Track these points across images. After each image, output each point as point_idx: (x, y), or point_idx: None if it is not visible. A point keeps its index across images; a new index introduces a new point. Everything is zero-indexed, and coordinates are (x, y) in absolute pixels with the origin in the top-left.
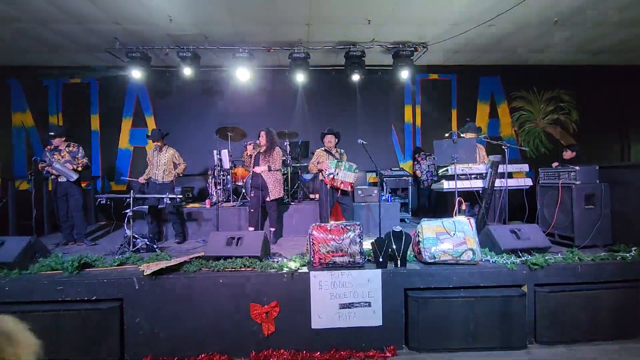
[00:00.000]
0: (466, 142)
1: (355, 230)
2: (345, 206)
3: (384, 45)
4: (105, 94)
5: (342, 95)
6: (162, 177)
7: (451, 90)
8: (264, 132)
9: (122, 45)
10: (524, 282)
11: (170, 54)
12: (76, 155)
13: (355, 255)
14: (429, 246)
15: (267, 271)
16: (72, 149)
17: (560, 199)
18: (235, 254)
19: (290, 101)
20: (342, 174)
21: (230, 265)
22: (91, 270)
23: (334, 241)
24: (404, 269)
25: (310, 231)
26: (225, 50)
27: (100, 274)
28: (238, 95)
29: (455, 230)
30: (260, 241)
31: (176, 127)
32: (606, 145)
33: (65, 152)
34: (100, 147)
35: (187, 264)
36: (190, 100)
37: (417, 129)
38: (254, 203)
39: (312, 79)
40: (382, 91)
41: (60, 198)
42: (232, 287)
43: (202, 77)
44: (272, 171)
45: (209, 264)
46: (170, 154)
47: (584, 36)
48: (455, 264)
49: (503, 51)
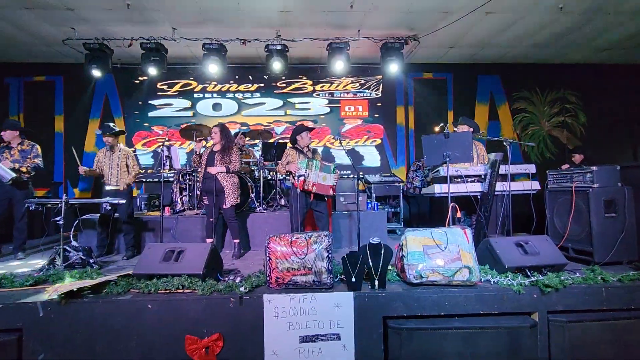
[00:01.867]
0: (461, 136)
1: (323, 241)
2: (319, 214)
3: (370, 37)
4: (71, 93)
5: None
6: (116, 182)
7: (447, 90)
8: (217, 128)
9: (80, 36)
10: (534, 308)
11: (134, 47)
12: (28, 154)
13: (321, 274)
14: (414, 262)
15: (211, 294)
16: (25, 148)
17: (574, 206)
18: (172, 272)
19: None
20: (314, 174)
21: (164, 285)
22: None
23: (295, 256)
24: (383, 291)
25: (266, 243)
26: (195, 43)
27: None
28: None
29: (447, 243)
30: (204, 256)
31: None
32: (616, 149)
33: (16, 151)
34: (64, 151)
35: (111, 284)
36: (161, 99)
37: (411, 131)
38: (210, 210)
39: (293, 75)
40: (373, 90)
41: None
42: (164, 314)
43: (174, 75)
44: (230, 173)
45: (139, 284)
46: (125, 155)
47: (591, 27)
48: (447, 286)
49: (502, 46)
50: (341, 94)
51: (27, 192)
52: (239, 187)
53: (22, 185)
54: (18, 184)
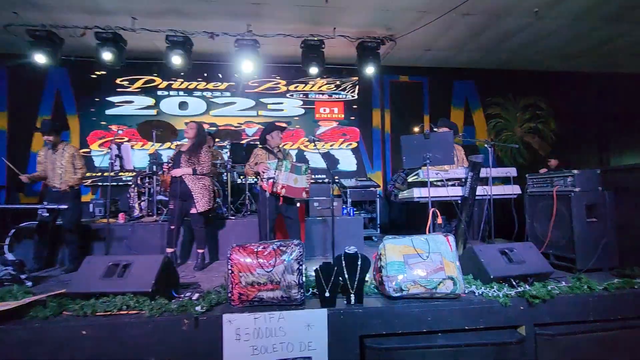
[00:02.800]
0: (441, 137)
1: (293, 251)
2: (290, 220)
3: (346, 36)
4: (17, 87)
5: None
6: (59, 184)
7: (423, 94)
8: (193, 124)
9: (26, 22)
10: (521, 321)
11: (89, 38)
12: None
13: (291, 289)
14: (394, 274)
15: (161, 315)
16: None
17: (556, 211)
18: (115, 290)
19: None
20: (284, 176)
21: (104, 306)
22: None
23: (261, 268)
24: (359, 307)
25: (228, 254)
26: (157, 35)
27: None
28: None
29: (429, 252)
30: (155, 269)
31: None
32: (585, 155)
33: None
34: (7, 151)
35: (38, 306)
36: (121, 96)
37: (387, 135)
38: (174, 217)
39: (266, 74)
40: (349, 91)
41: None
42: (102, 341)
43: (135, 70)
44: (198, 175)
45: (73, 305)
46: (70, 154)
47: (565, 32)
48: (429, 299)
49: (477, 51)
50: (316, 95)
51: None
52: (211, 191)
53: None
54: None
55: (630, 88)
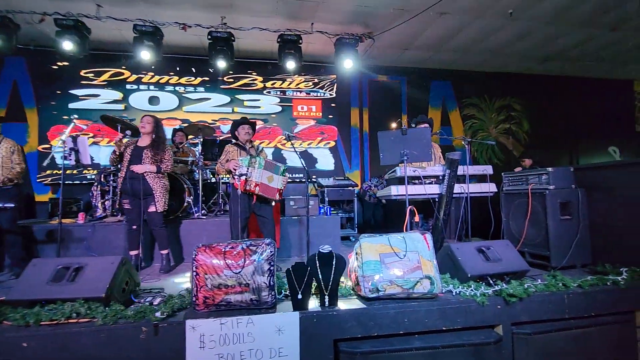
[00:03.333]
0: (419, 133)
1: (264, 251)
2: (263, 219)
3: (324, 32)
4: None
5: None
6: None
7: (401, 94)
8: (150, 119)
9: None
10: (498, 320)
11: (48, 25)
12: None
13: (261, 291)
14: (370, 274)
15: (115, 323)
16: None
17: (531, 209)
18: (64, 296)
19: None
20: (257, 173)
21: (50, 315)
22: None
23: (229, 269)
24: (333, 309)
25: (193, 254)
26: (125, 25)
27: None
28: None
29: (406, 250)
30: (111, 272)
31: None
32: (555, 157)
33: None
34: None
35: None
36: (86, 89)
37: (365, 134)
38: (133, 217)
39: (242, 69)
40: (327, 89)
41: None
42: (46, 354)
43: (102, 62)
44: (161, 174)
45: (14, 314)
46: (7, 148)
47: (538, 35)
48: (406, 299)
49: (454, 51)
50: (293, 92)
51: None
52: (168, 191)
53: None
54: None
55: (598, 92)
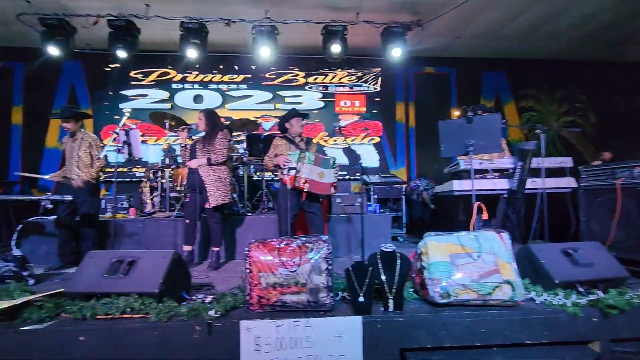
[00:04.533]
0: (488, 121)
1: (321, 249)
2: (313, 216)
3: (370, 22)
4: (33, 82)
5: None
6: (77, 176)
7: (450, 86)
8: (202, 114)
9: (37, 10)
10: (594, 336)
11: (103, 29)
12: None
13: (319, 292)
14: (438, 276)
15: (169, 320)
16: None
17: (621, 207)
18: (118, 290)
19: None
20: (307, 169)
21: (105, 309)
22: None
23: (284, 267)
24: (400, 314)
25: (246, 251)
26: (172, 24)
27: None
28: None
29: (480, 251)
30: (163, 267)
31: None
32: (628, 153)
33: None
34: (21, 146)
35: (33, 307)
36: (135, 89)
37: (411, 129)
38: (190, 211)
39: (283, 65)
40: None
41: None
42: (102, 348)
43: (150, 63)
44: (213, 165)
45: (71, 306)
46: (88, 144)
47: (605, 18)
48: (482, 306)
49: (510, 37)
50: (336, 87)
51: None
52: (227, 184)
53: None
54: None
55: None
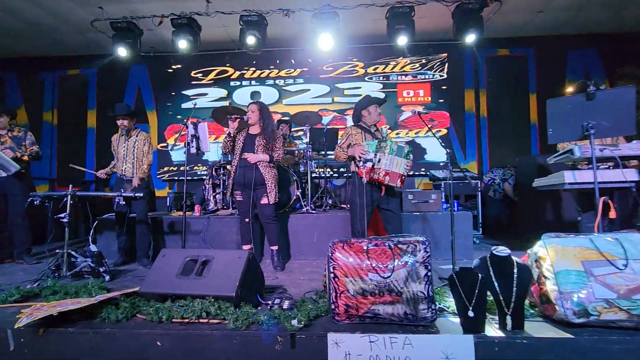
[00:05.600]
0: (617, 95)
1: (417, 251)
2: (390, 214)
3: (441, 0)
4: (104, 87)
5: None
6: (132, 173)
7: (528, 69)
8: (255, 106)
9: (109, 16)
10: None
11: (166, 31)
12: (22, 141)
13: (418, 303)
14: (570, 289)
15: (247, 329)
16: (17, 134)
17: None
18: (193, 292)
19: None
20: (388, 160)
21: (181, 312)
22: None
23: (375, 272)
24: (521, 335)
25: (329, 252)
26: (231, 21)
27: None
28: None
29: (626, 258)
30: (239, 268)
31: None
32: None
33: (7, 138)
34: (95, 147)
35: (110, 306)
36: (195, 89)
37: (483, 119)
38: (245, 209)
39: (341, 56)
40: (436, 70)
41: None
42: (179, 356)
43: (209, 62)
44: (272, 164)
45: (147, 307)
46: (142, 141)
47: None
48: (635, 330)
49: (604, 7)
50: (398, 76)
51: (27, 184)
52: (277, 181)
53: (20, 177)
54: (16, 176)
55: None
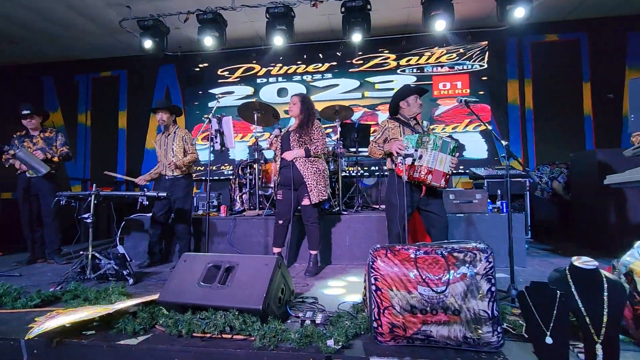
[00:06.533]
0: None
1: (477, 261)
2: (433, 217)
3: None
4: (134, 88)
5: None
6: (172, 171)
7: (580, 56)
8: (297, 98)
9: (136, 15)
10: None
11: (190, 25)
12: (53, 142)
13: (480, 324)
14: None
15: (276, 349)
16: (48, 135)
17: None
18: (216, 303)
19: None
20: (431, 156)
21: (202, 326)
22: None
23: (426, 286)
24: None
25: (370, 261)
26: (257, 15)
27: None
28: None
29: None
30: (266, 277)
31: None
32: None
33: (39, 139)
34: (126, 148)
35: (127, 316)
36: (222, 87)
37: (528, 112)
38: (283, 210)
39: (372, 49)
40: (476, 60)
41: (28, 199)
42: None
43: (235, 59)
44: (311, 158)
45: (166, 317)
46: (180, 136)
47: None
48: None
49: None
50: (433, 68)
51: (57, 185)
52: (326, 177)
53: (51, 178)
54: (46, 176)
55: None
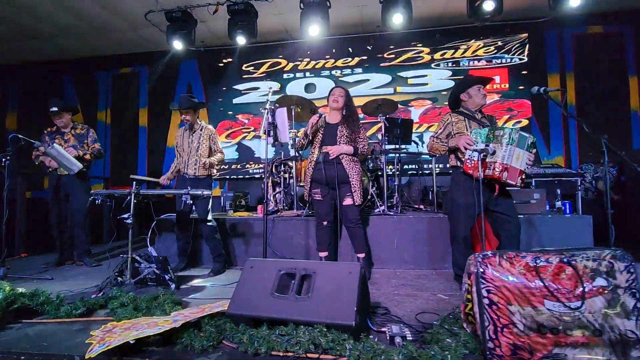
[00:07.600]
0: None
1: (616, 271)
2: (504, 218)
3: None
4: (155, 84)
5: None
6: (195, 170)
7: (625, 49)
8: (342, 90)
9: (162, 6)
10: None
11: (216, 18)
12: (85, 139)
13: (627, 348)
14: None
15: None
16: (79, 132)
17: None
18: (295, 317)
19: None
20: (506, 151)
21: (282, 343)
22: (28, 324)
23: (553, 300)
24: None
25: (479, 270)
26: (289, 6)
27: (24, 338)
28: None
29: None
30: (354, 288)
31: (232, 119)
32: None
33: (70, 135)
34: (147, 146)
35: (192, 330)
36: (247, 83)
37: (571, 108)
38: (325, 211)
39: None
40: (515, 53)
41: (57, 198)
42: None
43: (261, 54)
44: (355, 157)
45: (236, 332)
46: (207, 135)
47: None
48: None
49: None
50: (469, 62)
51: (88, 183)
52: (362, 178)
53: (82, 176)
54: (78, 175)
55: None
